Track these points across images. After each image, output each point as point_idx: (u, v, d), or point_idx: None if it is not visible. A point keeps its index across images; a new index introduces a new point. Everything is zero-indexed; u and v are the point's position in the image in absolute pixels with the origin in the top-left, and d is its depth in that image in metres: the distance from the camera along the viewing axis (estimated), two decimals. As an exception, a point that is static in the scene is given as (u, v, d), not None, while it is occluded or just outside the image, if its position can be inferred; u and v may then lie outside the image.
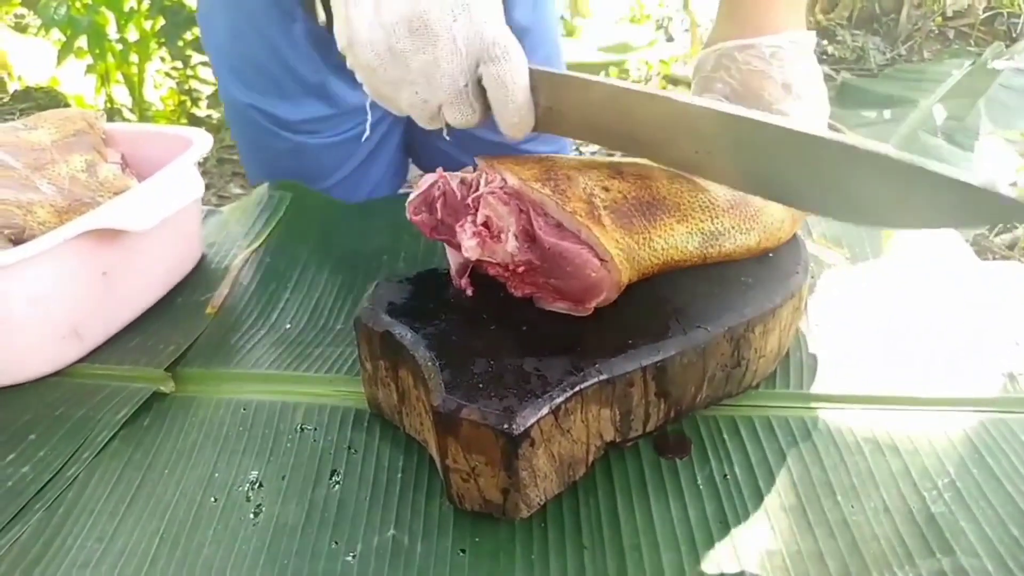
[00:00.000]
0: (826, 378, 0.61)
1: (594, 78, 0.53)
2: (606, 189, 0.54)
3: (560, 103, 0.53)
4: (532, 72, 0.52)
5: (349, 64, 0.55)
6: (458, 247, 0.56)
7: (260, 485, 0.55)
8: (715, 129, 0.50)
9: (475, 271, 0.59)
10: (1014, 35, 3.00)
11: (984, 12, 3.15)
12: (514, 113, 0.52)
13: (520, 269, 0.55)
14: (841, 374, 0.61)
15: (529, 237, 0.54)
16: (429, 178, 0.57)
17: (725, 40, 0.63)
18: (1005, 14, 3.14)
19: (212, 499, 0.54)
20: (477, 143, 1.00)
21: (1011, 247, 1.87)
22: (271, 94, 0.95)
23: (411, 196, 0.58)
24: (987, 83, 2.28)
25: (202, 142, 0.76)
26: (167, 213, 0.69)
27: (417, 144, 1.10)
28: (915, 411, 0.57)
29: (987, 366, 0.61)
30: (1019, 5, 3.16)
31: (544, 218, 0.53)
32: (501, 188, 0.54)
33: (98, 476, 0.57)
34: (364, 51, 0.52)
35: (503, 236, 0.54)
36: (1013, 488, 0.50)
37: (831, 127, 0.59)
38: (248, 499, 0.54)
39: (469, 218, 0.55)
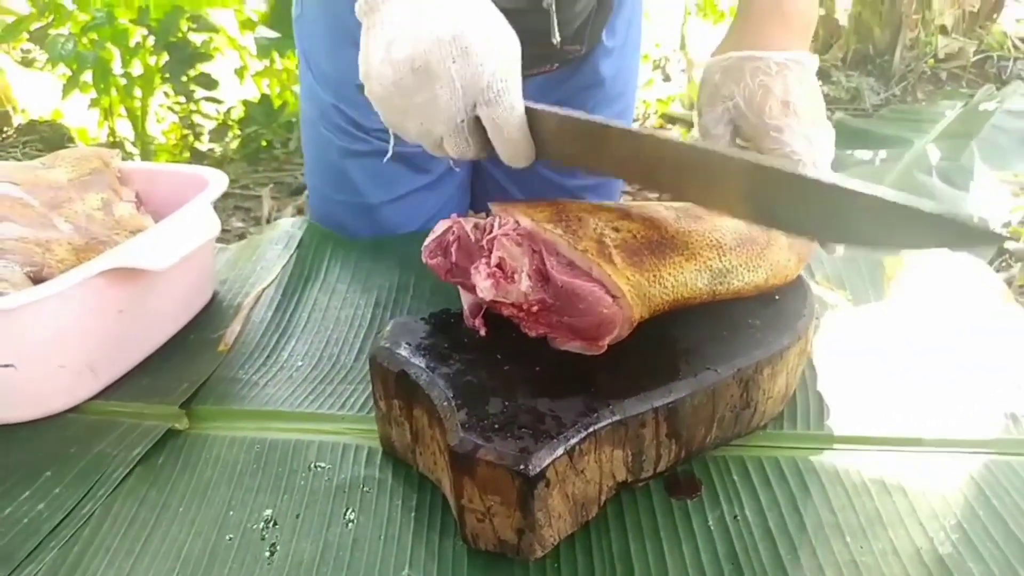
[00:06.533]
0: (832, 419, 0.62)
1: (591, 118, 0.55)
2: (616, 229, 0.56)
3: (561, 139, 0.56)
4: (531, 111, 0.55)
5: (365, 93, 0.58)
6: (472, 289, 0.57)
7: (275, 523, 0.55)
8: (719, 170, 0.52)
9: (488, 311, 0.60)
10: (1004, 78, 3.06)
11: (975, 55, 3.21)
12: (510, 148, 0.56)
13: (534, 309, 0.56)
14: (846, 415, 0.62)
15: (542, 277, 0.55)
16: (444, 223, 0.59)
17: (734, 50, 0.66)
18: (995, 57, 3.20)
19: (227, 538, 0.54)
20: (535, 179, 0.99)
21: (1008, 283, 1.90)
22: (360, 102, 0.94)
23: (426, 241, 0.59)
24: (979, 124, 2.31)
25: (218, 182, 0.77)
26: (185, 252, 0.70)
27: (477, 185, 1.08)
28: (919, 452, 0.58)
29: (989, 408, 0.62)
30: (1008, 48, 3.22)
31: (556, 257, 0.55)
32: (514, 230, 0.56)
33: (113, 514, 0.57)
34: (376, 84, 0.56)
35: (516, 276, 0.55)
36: (1018, 528, 0.51)
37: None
38: (263, 538, 0.54)
39: (483, 260, 0.56)
